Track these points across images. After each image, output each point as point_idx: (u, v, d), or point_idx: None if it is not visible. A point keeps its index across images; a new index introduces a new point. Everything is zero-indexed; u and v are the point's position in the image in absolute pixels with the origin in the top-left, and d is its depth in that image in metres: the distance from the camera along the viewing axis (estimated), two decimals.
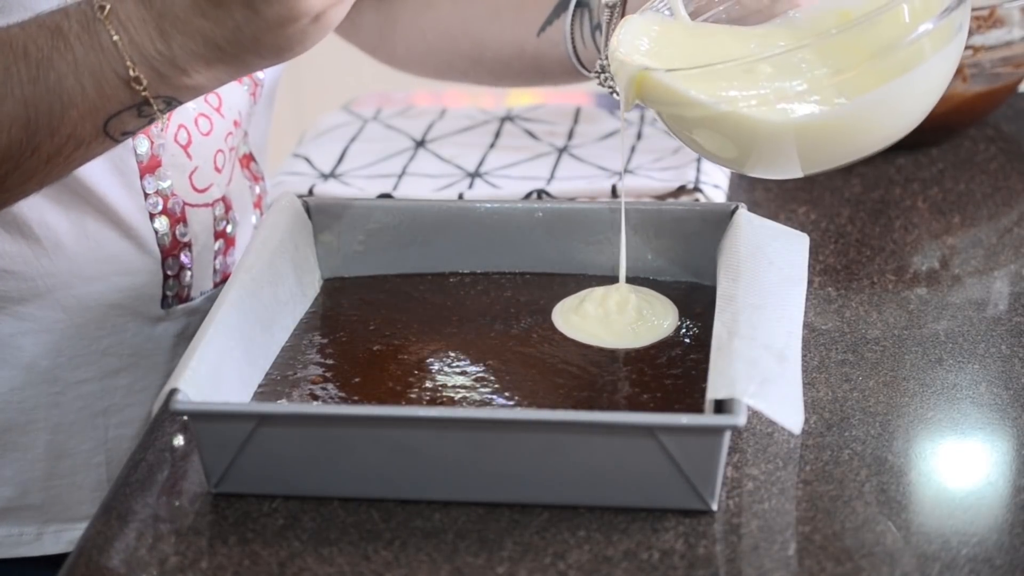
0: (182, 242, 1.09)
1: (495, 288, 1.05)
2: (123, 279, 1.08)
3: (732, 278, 0.95)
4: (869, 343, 1.02)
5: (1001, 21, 1.31)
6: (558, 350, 0.98)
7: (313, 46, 0.88)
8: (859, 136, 0.90)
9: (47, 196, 1.03)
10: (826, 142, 0.90)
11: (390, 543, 0.84)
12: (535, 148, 1.38)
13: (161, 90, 0.90)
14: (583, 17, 1.09)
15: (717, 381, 0.85)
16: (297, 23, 0.86)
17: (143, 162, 1.06)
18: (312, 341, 1.00)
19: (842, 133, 0.89)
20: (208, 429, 0.87)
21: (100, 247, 1.06)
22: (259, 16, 0.85)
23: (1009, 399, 0.96)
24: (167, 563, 0.84)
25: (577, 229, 1.06)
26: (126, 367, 1.10)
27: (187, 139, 1.08)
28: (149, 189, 1.07)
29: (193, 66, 0.89)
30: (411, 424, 0.86)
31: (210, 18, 0.87)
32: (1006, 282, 1.12)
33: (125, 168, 1.06)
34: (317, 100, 1.93)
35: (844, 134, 0.89)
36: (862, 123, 0.89)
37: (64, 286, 1.06)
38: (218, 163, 1.11)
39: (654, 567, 0.82)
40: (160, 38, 0.88)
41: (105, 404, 1.10)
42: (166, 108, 0.92)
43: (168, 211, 1.08)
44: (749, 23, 0.99)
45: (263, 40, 0.87)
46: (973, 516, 0.85)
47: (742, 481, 0.88)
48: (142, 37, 0.89)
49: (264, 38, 0.87)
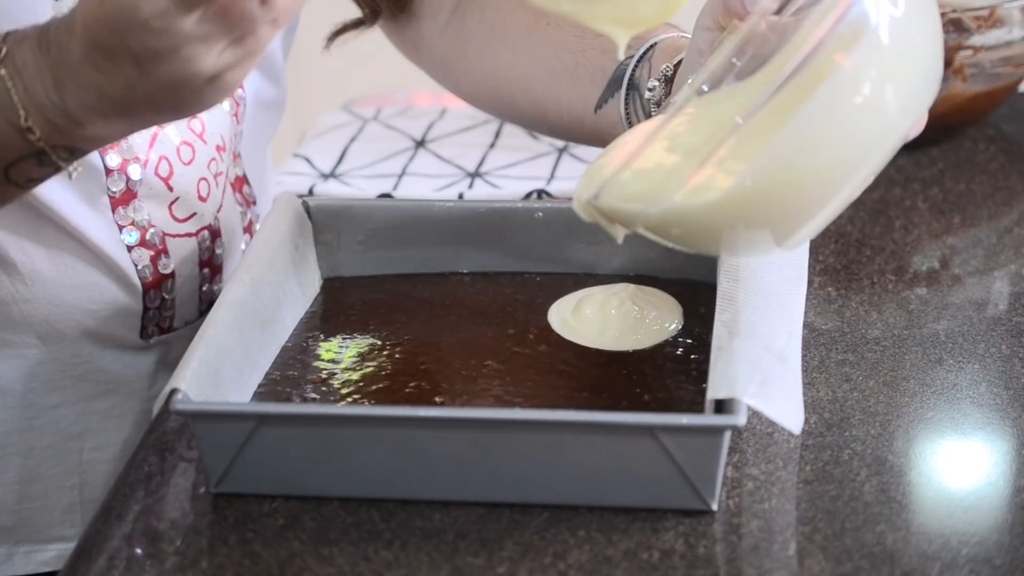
0: (164, 274, 1.07)
1: (495, 288, 1.05)
2: (101, 309, 1.06)
3: (733, 278, 0.95)
4: (869, 343, 1.02)
5: (1001, 21, 1.31)
6: (558, 350, 0.98)
7: (217, 104, 0.84)
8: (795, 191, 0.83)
9: (24, 223, 1.01)
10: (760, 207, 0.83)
11: (390, 543, 0.84)
12: (535, 148, 1.38)
13: (58, 140, 0.86)
14: (635, 99, 1.07)
15: (717, 381, 0.85)
16: (191, 84, 0.81)
17: (116, 196, 1.04)
18: (312, 341, 1.00)
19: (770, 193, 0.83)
20: (208, 429, 0.87)
21: (77, 276, 1.04)
22: (149, 74, 0.81)
23: (1009, 399, 0.96)
24: (167, 563, 0.84)
25: (577, 229, 1.05)
26: (103, 393, 1.08)
27: (168, 171, 1.06)
28: (123, 221, 1.04)
29: (89, 118, 0.84)
30: (411, 424, 0.86)
31: (103, 72, 0.82)
32: (1006, 282, 1.12)
33: (96, 202, 1.03)
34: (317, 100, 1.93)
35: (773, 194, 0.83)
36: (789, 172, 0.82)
37: (40, 312, 1.04)
38: (201, 192, 1.08)
39: (654, 567, 0.82)
40: (54, 88, 0.84)
41: (80, 428, 1.08)
42: (70, 157, 0.88)
43: (147, 243, 1.06)
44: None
45: (157, 97, 0.83)
46: (973, 516, 0.85)
47: (742, 481, 0.88)
48: (36, 86, 0.84)
49: (158, 96, 0.82)
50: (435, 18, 1.18)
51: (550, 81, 1.12)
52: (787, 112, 0.82)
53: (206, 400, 0.87)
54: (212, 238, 1.10)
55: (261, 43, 0.81)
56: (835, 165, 0.83)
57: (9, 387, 1.06)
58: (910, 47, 0.84)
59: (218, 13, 0.78)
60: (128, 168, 1.04)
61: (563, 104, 1.12)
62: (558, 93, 1.12)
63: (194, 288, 1.10)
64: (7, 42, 0.86)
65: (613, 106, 1.08)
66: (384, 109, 1.49)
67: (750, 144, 0.83)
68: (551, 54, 1.12)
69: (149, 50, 0.80)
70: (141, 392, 1.10)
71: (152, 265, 1.06)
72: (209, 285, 1.11)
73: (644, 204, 0.85)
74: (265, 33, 0.80)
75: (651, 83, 1.04)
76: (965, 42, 1.29)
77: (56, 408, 1.07)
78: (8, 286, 1.03)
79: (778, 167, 0.82)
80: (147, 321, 1.08)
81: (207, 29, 0.79)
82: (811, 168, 0.82)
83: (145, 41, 0.79)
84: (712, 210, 0.83)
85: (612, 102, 1.08)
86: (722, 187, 0.83)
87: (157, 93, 0.82)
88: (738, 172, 0.82)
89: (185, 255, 1.08)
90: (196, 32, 0.79)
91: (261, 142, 1.19)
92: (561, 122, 1.13)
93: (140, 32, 0.79)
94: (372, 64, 1.33)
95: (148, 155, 1.04)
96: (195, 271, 1.09)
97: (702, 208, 0.83)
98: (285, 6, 0.80)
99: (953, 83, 1.31)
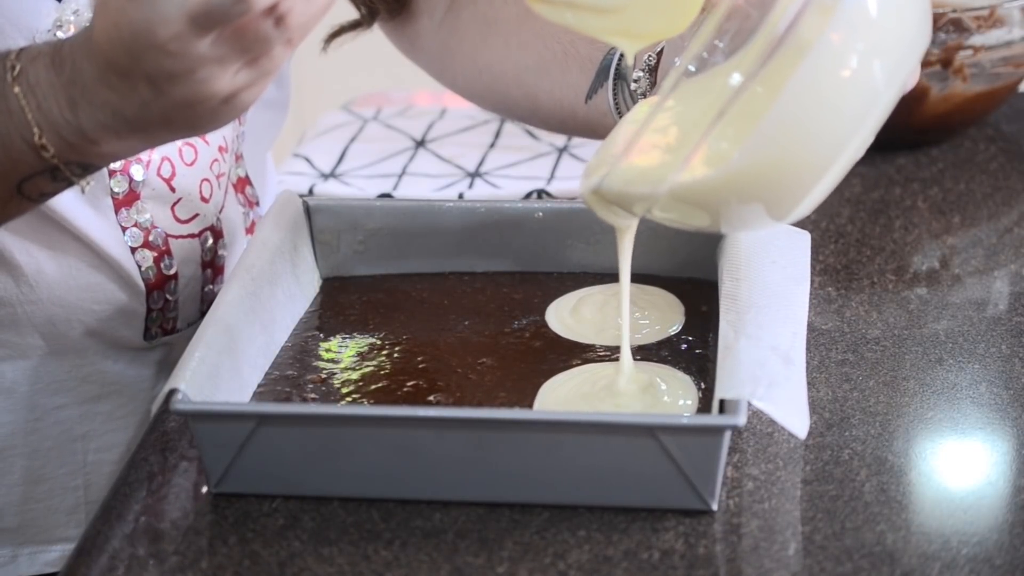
0: (167, 275, 1.07)
1: (494, 288, 1.05)
2: (105, 310, 1.06)
3: (735, 277, 0.95)
4: (869, 343, 1.02)
5: (1001, 21, 1.31)
6: (558, 350, 0.97)
7: (229, 122, 0.85)
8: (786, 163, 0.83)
9: (28, 225, 1.01)
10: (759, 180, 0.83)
11: (390, 543, 0.84)
12: (535, 148, 1.38)
13: (71, 157, 0.86)
14: (623, 88, 1.07)
15: (725, 381, 0.85)
16: (205, 104, 0.82)
17: (119, 197, 1.04)
18: (311, 341, 1.00)
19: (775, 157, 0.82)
20: (208, 429, 0.87)
21: (81, 277, 1.04)
22: (165, 95, 0.81)
23: (1009, 399, 0.95)
24: (167, 563, 0.84)
25: (577, 229, 1.06)
26: (107, 394, 1.08)
27: (171, 172, 1.06)
28: (126, 223, 1.05)
29: (103, 136, 0.85)
30: (411, 424, 0.86)
31: (117, 91, 0.82)
32: (1006, 282, 1.12)
33: (99, 203, 1.03)
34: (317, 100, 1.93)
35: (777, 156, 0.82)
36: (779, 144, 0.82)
37: (44, 314, 1.04)
38: (204, 192, 1.08)
39: (654, 567, 0.82)
40: (68, 107, 0.84)
41: (84, 429, 1.08)
42: (83, 173, 0.88)
43: (150, 244, 1.06)
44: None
45: (172, 117, 0.83)
46: (973, 516, 0.85)
47: (742, 481, 0.88)
48: (50, 103, 0.84)
49: (173, 115, 0.83)
50: (431, 14, 1.19)
51: (541, 72, 1.13)
52: (775, 85, 0.81)
53: (206, 400, 0.87)
54: (214, 239, 1.10)
55: (276, 63, 0.81)
56: (826, 135, 0.82)
57: (13, 388, 1.06)
58: (893, 8, 0.83)
59: (233, 35, 0.79)
60: (130, 169, 1.04)
61: (555, 95, 1.12)
62: (549, 84, 1.12)
63: (197, 289, 1.10)
64: (21, 59, 0.86)
65: (603, 96, 1.08)
66: (384, 109, 1.49)
67: (744, 120, 0.82)
68: (541, 45, 1.12)
69: (164, 72, 0.80)
70: (144, 393, 1.10)
71: (155, 266, 1.06)
72: (211, 286, 1.11)
73: (651, 185, 0.84)
74: (279, 53, 0.80)
75: (636, 74, 1.05)
76: (965, 42, 1.29)
77: (60, 409, 1.07)
78: (12, 288, 1.03)
79: (773, 140, 0.81)
80: (150, 322, 1.08)
81: (222, 51, 0.79)
82: (806, 139, 0.82)
83: (161, 63, 0.79)
84: (717, 184, 0.83)
85: (602, 92, 1.08)
86: (725, 161, 0.82)
87: (172, 113, 0.82)
88: (738, 146, 0.82)
89: (188, 256, 1.08)
90: (211, 54, 0.79)
91: (264, 143, 1.19)
92: (554, 114, 1.13)
93: (156, 54, 0.79)
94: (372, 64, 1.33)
95: (150, 156, 1.04)
96: (198, 272, 1.09)
97: (706, 183, 0.83)
98: (299, 25, 0.79)
99: (953, 83, 1.31)
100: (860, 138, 0.83)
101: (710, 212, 0.85)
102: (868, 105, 0.82)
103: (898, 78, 0.84)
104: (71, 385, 1.07)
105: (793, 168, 0.83)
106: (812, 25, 0.81)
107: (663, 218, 0.87)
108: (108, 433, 1.09)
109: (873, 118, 0.83)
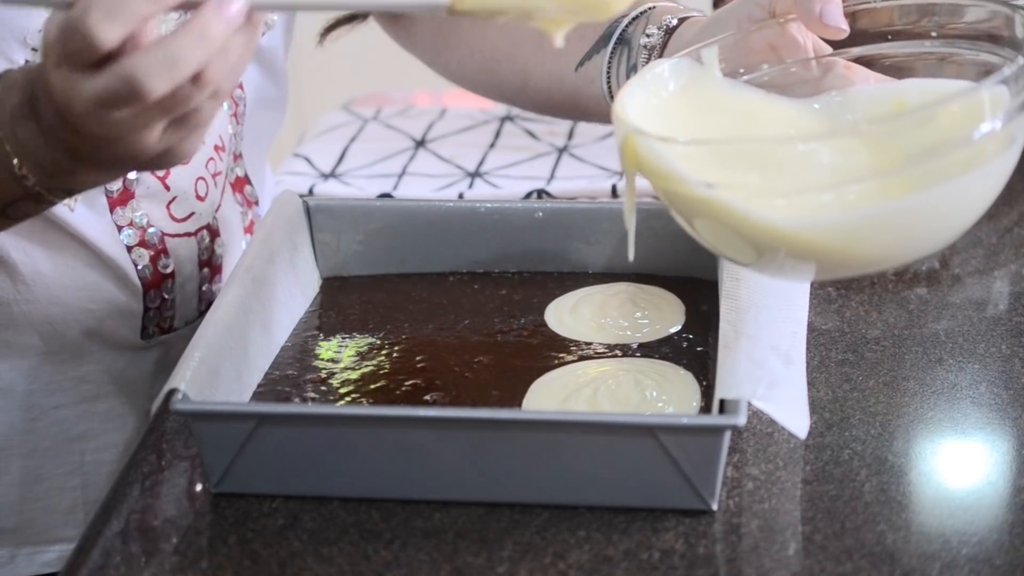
0: (164, 274, 1.07)
1: (494, 288, 1.05)
2: (102, 309, 1.06)
3: (735, 277, 0.95)
4: (869, 343, 1.02)
5: None
6: (558, 350, 0.97)
7: (181, 164, 0.86)
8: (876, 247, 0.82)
9: (25, 224, 1.01)
10: (839, 250, 0.81)
11: (390, 543, 0.84)
12: (535, 148, 1.38)
13: (53, 184, 0.86)
14: (622, 55, 1.07)
15: (725, 381, 0.85)
16: (140, 159, 0.82)
17: (113, 196, 1.04)
18: (311, 340, 1.00)
19: (860, 242, 0.81)
20: (208, 429, 0.87)
21: (77, 276, 1.04)
22: (104, 152, 0.82)
23: (1009, 399, 0.95)
24: (167, 563, 0.84)
25: (577, 229, 1.06)
26: (104, 394, 1.08)
27: (165, 170, 1.05)
28: (122, 221, 1.05)
29: (76, 168, 0.85)
30: (411, 424, 0.86)
31: (68, 141, 0.82)
32: (1006, 282, 1.12)
33: (94, 202, 1.03)
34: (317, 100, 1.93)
35: (862, 243, 0.81)
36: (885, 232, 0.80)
37: (41, 313, 1.04)
38: (199, 191, 1.08)
39: (654, 567, 0.82)
40: (45, 145, 0.84)
41: (82, 429, 1.08)
42: (68, 195, 0.88)
43: (146, 242, 1.06)
44: (793, 94, 0.93)
45: (124, 162, 0.83)
46: (973, 516, 0.85)
47: (742, 481, 0.88)
48: (25, 135, 0.84)
49: (124, 161, 0.83)
50: None
51: (536, 46, 1.13)
52: (929, 178, 0.80)
53: (205, 400, 0.87)
54: (211, 238, 1.10)
55: (205, 117, 0.81)
56: (934, 241, 0.84)
57: (11, 388, 1.06)
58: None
59: (148, 107, 0.78)
60: None
61: (547, 67, 1.12)
62: (542, 57, 1.12)
63: (194, 288, 1.10)
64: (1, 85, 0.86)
65: (595, 63, 1.08)
66: (384, 109, 1.49)
67: (882, 191, 0.81)
68: None
69: (93, 135, 0.80)
70: (142, 393, 1.10)
71: (152, 265, 1.06)
72: (209, 285, 1.11)
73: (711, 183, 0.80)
74: (208, 107, 0.80)
75: (650, 29, 1.04)
76: None
77: (58, 409, 1.07)
78: (9, 287, 1.03)
79: (886, 224, 0.80)
80: (148, 321, 1.08)
81: (143, 119, 0.79)
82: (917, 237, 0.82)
83: (89, 129, 0.80)
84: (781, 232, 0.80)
85: (597, 58, 1.08)
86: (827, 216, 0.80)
87: (122, 160, 0.83)
88: (849, 213, 0.80)
89: (185, 255, 1.08)
90: (133, 122, 0.79)
91: (263, 142, 1.19)
92: (543, 87, 1.13)
93: (81, 123, 0.80)
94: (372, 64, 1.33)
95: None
96: (195, 271, 1.09)
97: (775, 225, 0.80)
98: (221, 79, 0.79)
99: None
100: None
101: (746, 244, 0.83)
102: (968, 223, 0.84)
103: None
104: (68, 385, 1.07)
105: (879, 253, 0.83)
106: (996, 140, 0.81)
107: (684, 220, 0.85)
108: (106, 433, 1.09)
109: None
